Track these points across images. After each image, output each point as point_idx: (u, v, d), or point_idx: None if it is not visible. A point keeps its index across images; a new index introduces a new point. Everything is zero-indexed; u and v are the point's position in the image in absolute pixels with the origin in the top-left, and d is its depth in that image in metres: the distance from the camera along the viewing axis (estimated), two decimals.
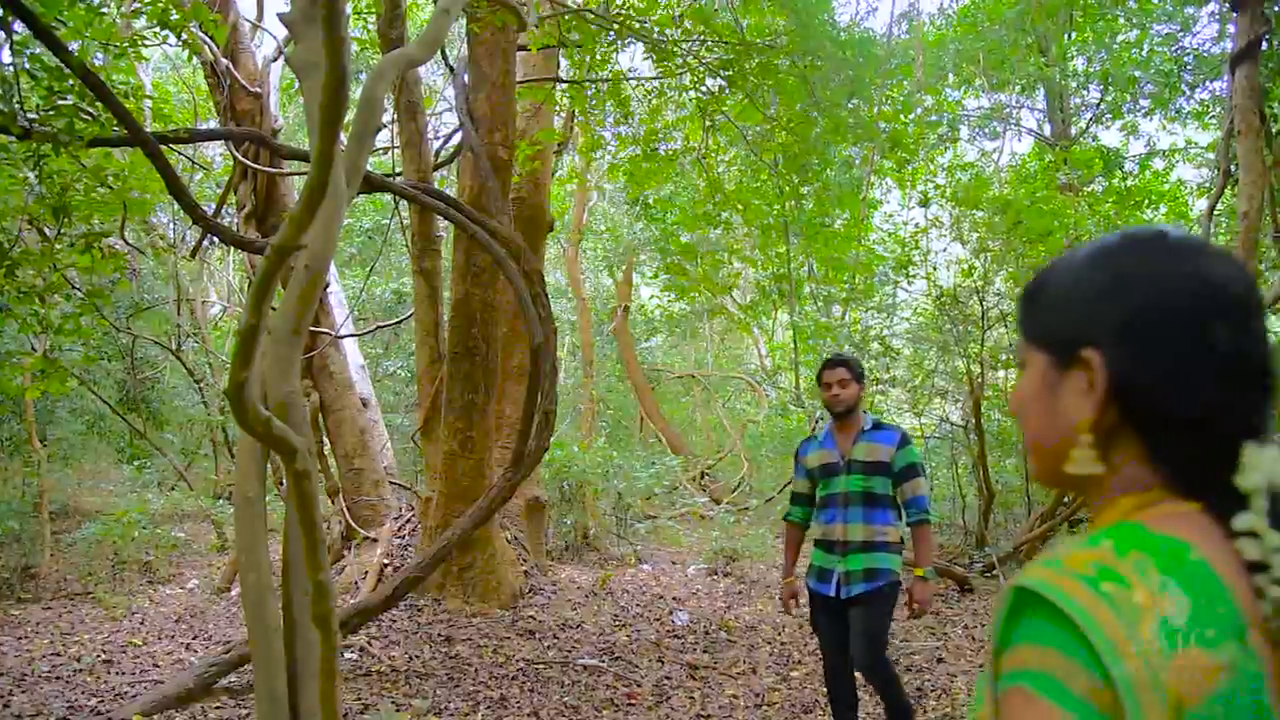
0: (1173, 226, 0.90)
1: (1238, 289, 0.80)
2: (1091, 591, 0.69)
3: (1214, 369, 0.78)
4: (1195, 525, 0.77)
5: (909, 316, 11.33)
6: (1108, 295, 0.82)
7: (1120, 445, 0.82)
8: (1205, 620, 0.69)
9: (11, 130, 3.93)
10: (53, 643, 6.31)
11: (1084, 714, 0.67)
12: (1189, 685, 0.67)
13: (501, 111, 6.44)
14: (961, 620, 7.26)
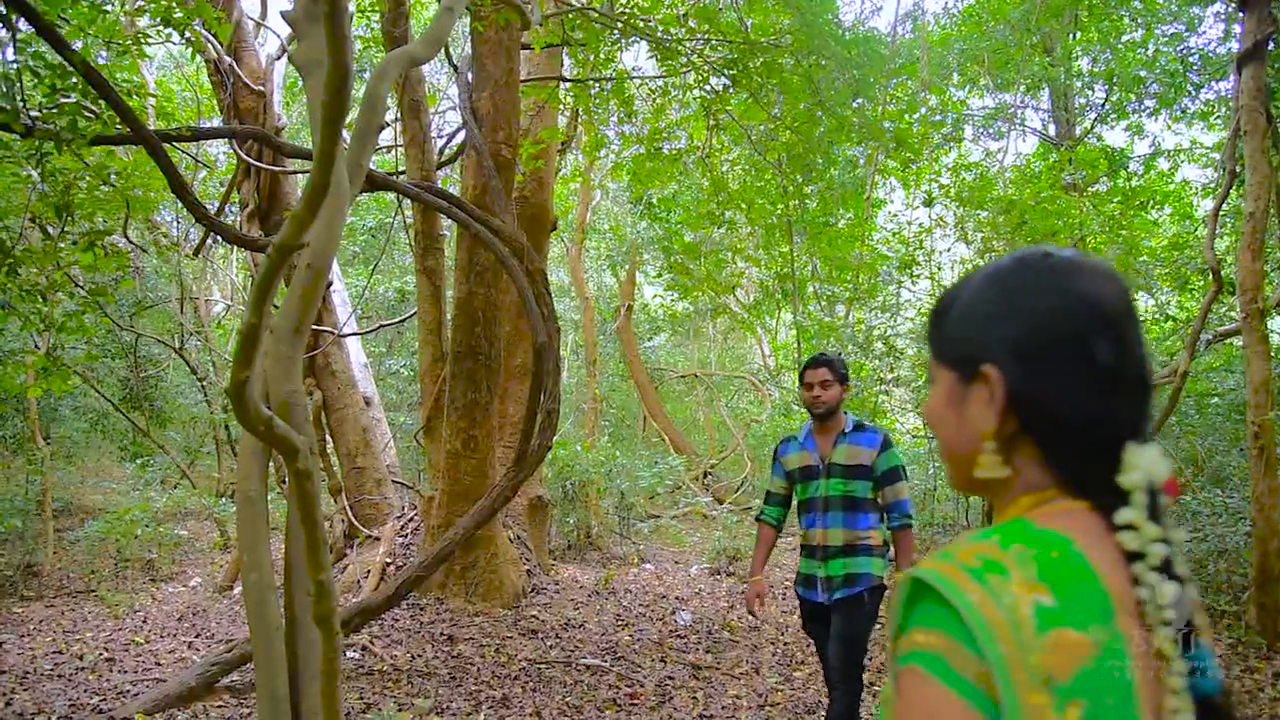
0: (1057, 247, 0.96)
1: (1114, 304, 0.89)
2: (975, 581, 0.78)
3: (1095, 379, 0.87)
4: (1079, 521, 0.85)
5: (913, 316, 11.30)
6: (1001, 316, 0.91)
7: (1020, 451, 0.90)
8: (1075, 605, 0.77)
9: (14, 128, 3.92)
10: (55, 640, 6.31)
11: (964, 690, 0.75)
12: (1057, 662, 0.75)
13: (505, 110, 6.43)
14: None
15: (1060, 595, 0.77)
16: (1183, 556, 0.85)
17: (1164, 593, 0.80)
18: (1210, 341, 7.91)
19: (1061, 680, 0.74)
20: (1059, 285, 0.90)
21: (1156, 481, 0.85)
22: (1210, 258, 7.11)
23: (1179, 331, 9.95)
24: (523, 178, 7.71)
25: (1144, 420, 0.89)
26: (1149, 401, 0.90)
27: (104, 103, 4.19)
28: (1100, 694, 0.75)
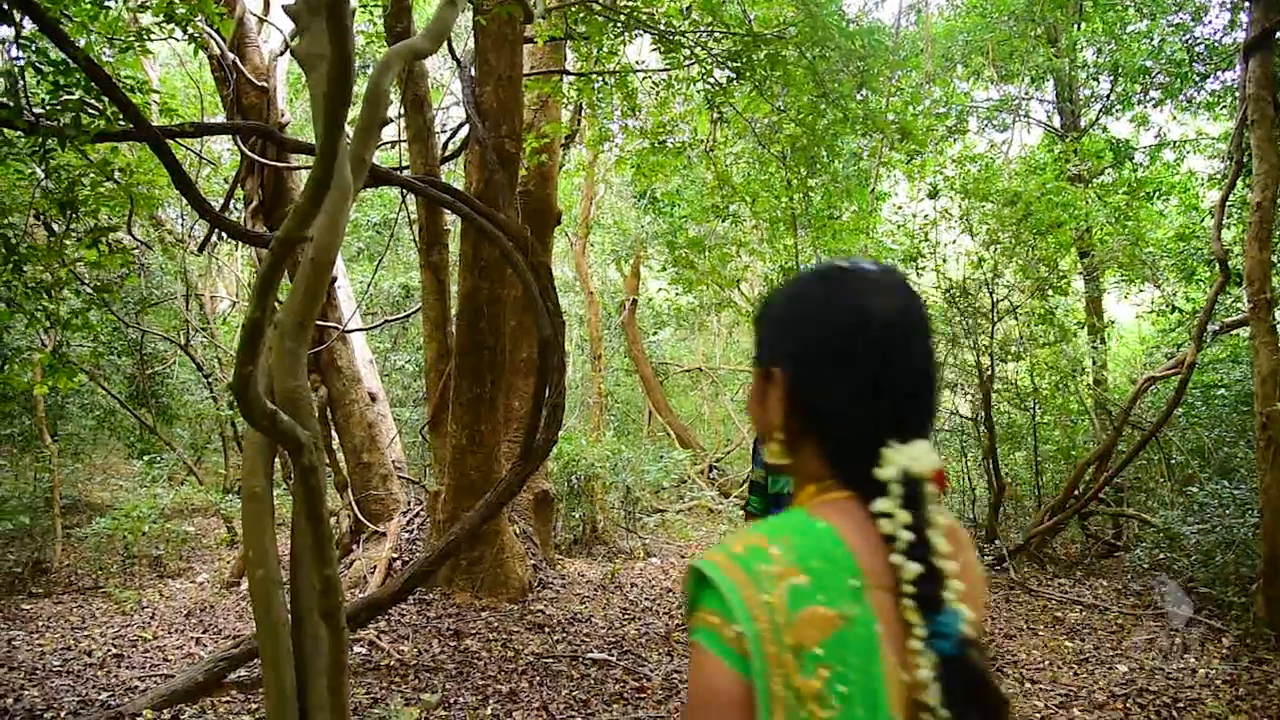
0: (855, 261, 1.08)
1: (888, 319, 1.00)
2: (740, 568, 0.92)
3: (858, 385, 1.00)
4: (844, 510, 0.99)
5: None
6: (788, 325, 1.06)
7: (805, 445, 1.04)
8: (827, 585, 0.91)
9: (18, 125, 3.92)
10: (64, 637, 6.34)
11: (731, 658, 0.90)
12: (808, 633, 0.89)
13: (509, 104, 6.41)
14: None
15: (814, 577, 0.91)
16: (941, 536, 0.97)
17: (909, 570, 0.94)
18: (1217, 333, 7.88)
19: (811, 648, 0.89)
20: (837, 299, 1.03)
21: (915, 474, 0.97)
22: (1217, 248, 7.08)
23: (1185, 323, 9.92)
24: (527, 172, 7.70)
25: (911, 420, 1.01)
26: (920, 403, 1.02)
27: (107, 99, 4.19)
28: (846, 657, 0.89)
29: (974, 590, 1.04)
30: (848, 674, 0.89)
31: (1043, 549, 9.03)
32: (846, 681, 0.89)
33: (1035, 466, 9.63)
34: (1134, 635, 6.44)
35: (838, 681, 0.89)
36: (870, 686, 0.90)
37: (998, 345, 9.18)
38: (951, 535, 1.01)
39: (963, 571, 0.99)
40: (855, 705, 0.89)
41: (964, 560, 1.03)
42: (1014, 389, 9.96)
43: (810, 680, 0.88)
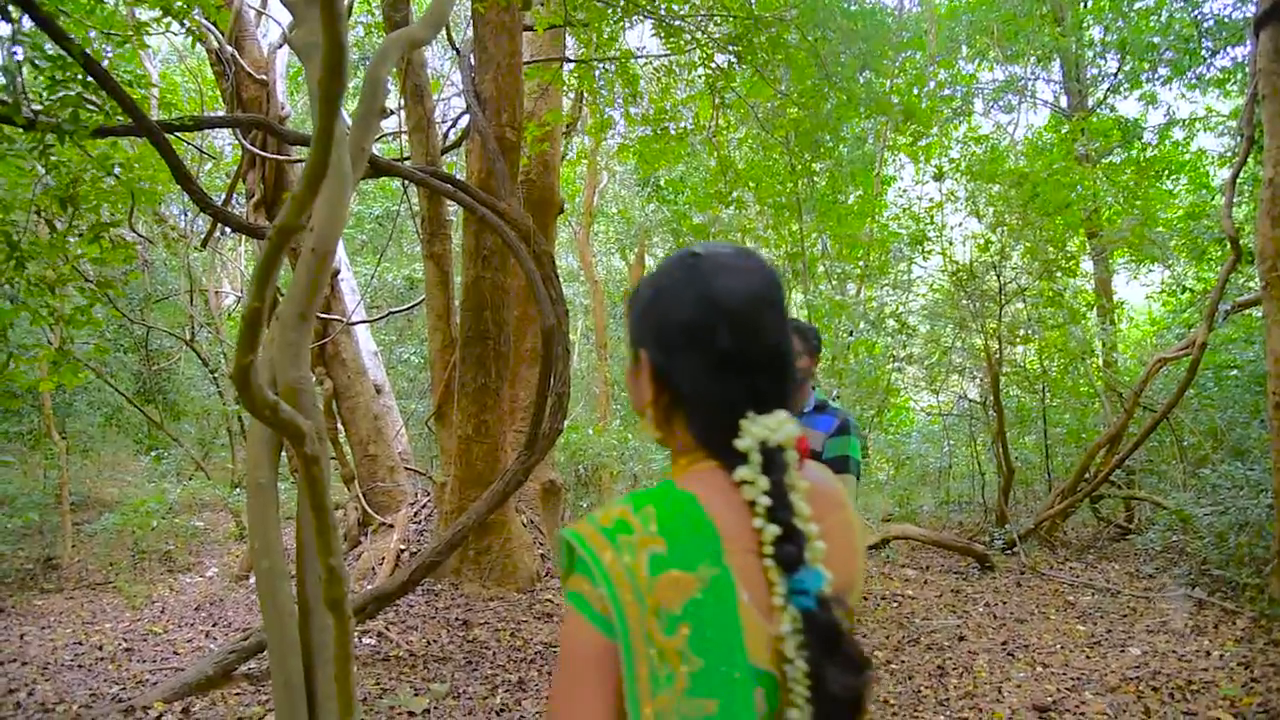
0: (709, 246, 1.17)
1: (738, 300, 1.07)
2: (605, 538, 0.99)
3: (713, 363, 1.07)
4: (709, 479, 1.06)
5: (925, 293, 11.19)
6: (649, 309, 1.13)
7: (674, 420, 1.12)
8: (686, 551, 0.98)
9: (16, 120, 3.90)
10: (75, 631, 6.36)
11: (595, 620, 0.98)
12: (668, 596, 0.96)
13: (508, 92, 6.37)
14: (983, 598, 7.21)
15: (674, 544, 0.98)
16: (802, 500, 1.04)
17: (768, 533, 1.01)
18: (1229, 312, 7.81)
19: (672, 610, 0.96)
20: (691, 283, 1.10)
21: (774, 443, 1.04)
22: (1228, 226, 7.01)
23: (1197, 303, 9.84)
24: (528, 161, 7.66)
25: (768, 392, 1.08)
26: (774, 376, 1.09)
27: (105, 94, 4.16)
28: (704, 617, 0.97)
29: (846, 548, 1.12)
30: (706, 632, 0.97)
31: (1054, 533, 8.99)
32: (705, 639, 0.97)
33: (1045, 450, 9.59)
34: (1146, 618, 6.41)
35: (697, 639, 0.97)
36: (728, 643, 0.98)
37: (1006, 328, 9.12)
38: (819, 497, 1.09)
39: (831, 532, 1.07)
40: (714, 660, 0.97)
41: (834, 521, 1.11)
42: (1023, 372, 9.91)
43: (672, 639, 0.96)
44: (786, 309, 1.14)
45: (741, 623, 0.99)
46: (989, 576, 7.92)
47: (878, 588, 7.68)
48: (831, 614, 1.01)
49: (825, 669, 0.99)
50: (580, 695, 0.99)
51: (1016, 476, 9.53)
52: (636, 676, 0.97)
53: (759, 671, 1.00)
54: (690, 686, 0.96)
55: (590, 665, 0.99)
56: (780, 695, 1.01)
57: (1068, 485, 8.87)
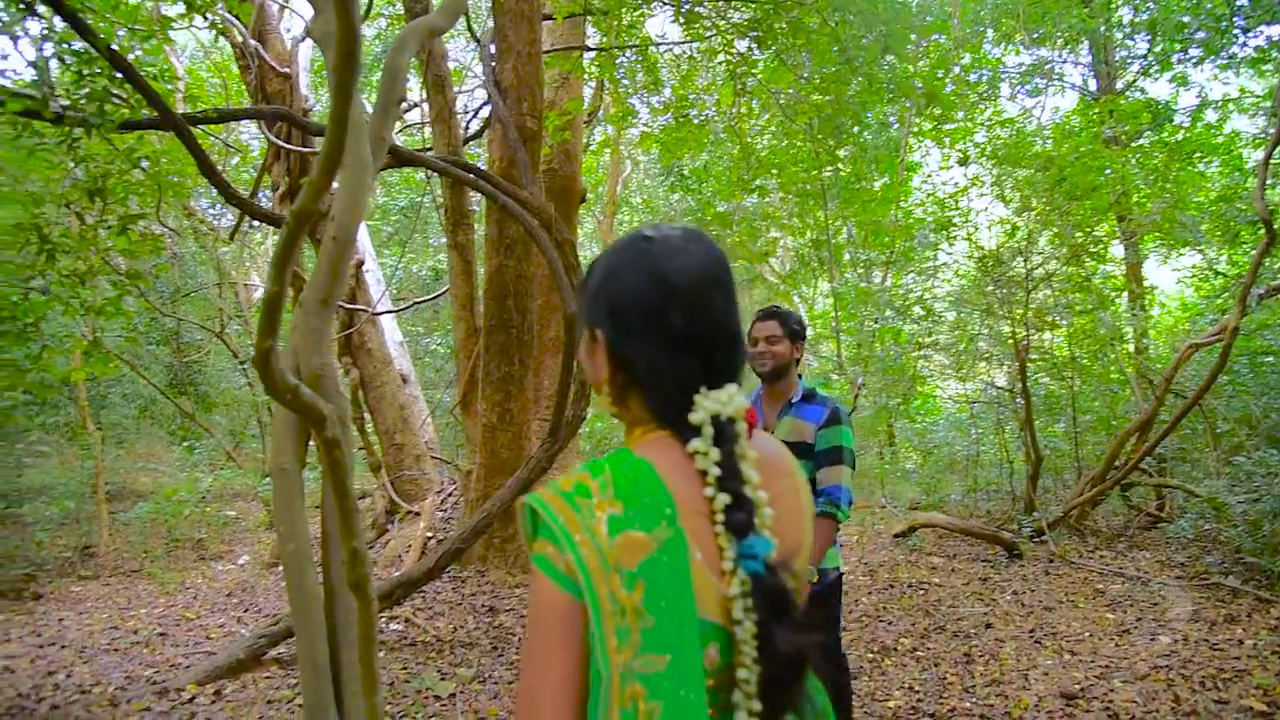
0: (660, 228, 1.21)
1: (688, 280, 1.13)
2: (565, 503, 1.04)
3: (667, 341, 1.12)
4: (663, 447, 1.12)
5: (950, 279, 11.08)
6: (602, 289, 1.18)
7: (629, 395, 1.18)
8: (641, 513, 1.03)
9: (45, 115, 3.97)
10: (111, 617, 6.49)
11: (560, 581, 1.03)
12: (625, 555, 1.01)
13: (529, 81, 6.39)
14: (1010, 586, 7.16)
15: (630, 507, 1.04)
16: (752, 469, 1.10)
17: (718, 501, 1.07)
18: (1263, 296, 7.66)
19: (629, 567, 1.01)
20: (642, 265, 1.15)
21: (724, 416, 1.10)
22: (1261, 209, 6.87)
23: (1230, 288, 9.67)
24: (550, 150, 7.68)
25: (718, 368, 1.14)
26: (724, 352, 1.15)
27: (131, 87, 4.22)
28: (659, 575, 1.02)
29: (793, 514, 1.19)
30: (659, 590, 1.02)
31: (1083, 521, 8.89)
32: (658, 597, 1.02)
33: (1075, 438, 9.47)
34: (1177, 607, 6.33)
35: (650, 597, 1.02)
36: (681, 601, 1.03)
37: (1033, 314, 9.01)
38: (768, 466, 1.16)
39: (779, 499, 1.14)
40: (665, 618, 1.02)
41: (782, 488, 1.17)
42: (1051, 359, 9.78)
43: (631, 594, 1.01)
44: (734, 288, 1.20)
45: (694, 581, 1.04)
46: (1017, 564, 7.85)
47: (904, 575, 7.64)
48: (779, 578, 1.07)
49: (773, 629, 1.04)
50: (548, 653, 1.04)
51: (1045, 464, 9.42)
52: (604, 631, 1.01)
53: (713, 626, 1.06)
54: (643, 643, 1.01)
55: (557, 624, 1.04)
56: (731, 653, 1.06)
57: (1097, 473, 8.75)
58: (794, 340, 3.48)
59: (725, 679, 1.07)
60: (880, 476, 10.51)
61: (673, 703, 1.00)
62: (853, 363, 10.71)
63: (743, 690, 1.06)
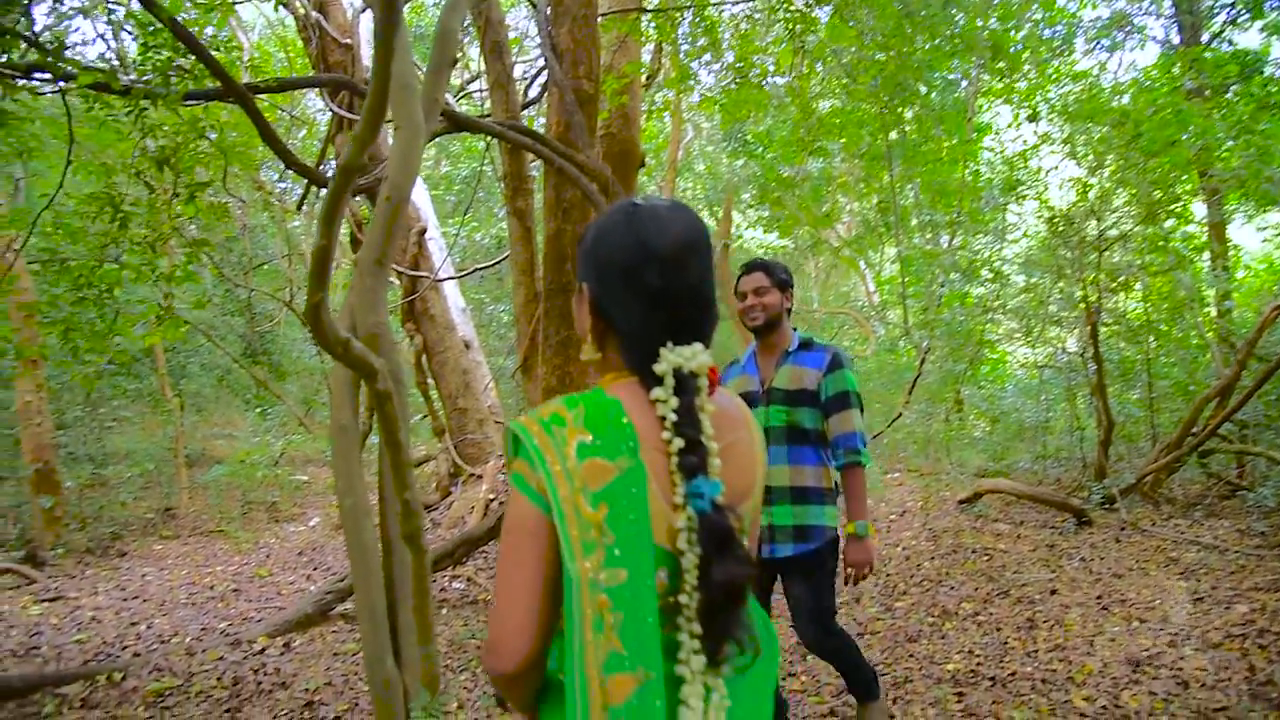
0: (649, 198, 1.34)
1: (667, 246, 1.25)
2: (542, 429, 1.18)
3: (642, 298, 1.25)
4: (631, 390, 1.26)
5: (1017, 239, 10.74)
6: (592, 250, 1.32)
7: (609, 343, 1.32)
8: (608, 443, 1.17)
9: (113, 86, 4.09)
10: (189, 574, 6.78)
11: (532, 496, 1.18)
12: (591, 477, 1.15)
13: (585, 44, 6.35)
14: (1078, 553, 6.99)
15: (598, 436, 1.17)
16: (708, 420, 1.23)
17: (674, 444, 1.19)
18: None
19: (594, 488, 1.14)
20: (627, 228, 1.28)
21: (687, 370, 1.23)
22: None
23: None
24: (608, 114, 7.64)
25: (686, 326, 1.26)
26: (694, 313, 1.27)
27: (194, 58, 4.32)
28: (620, 498, 1.15)
29: (744, 463, 1.33)
30: (621, 511, 1.14)
31: (1158, 488, 8.62)
32: (620, 517, 1.14)
33: (1150, 403, 9.17)
34: (1256, 575, 6.11)
35: (613, 517, 1.14)
36: (639, 523, 1.15)
37: (1105, 276, 8.69)
38: (724, 419, 1.29)
39: (732, 449, 1.28)
40: (626, 537, 1.14)
41: (736, 439, 1.31)
42: (1125, 323, 9.44)
43: (596, 512, 1.14)
44: (711, 257, 1.33)
45: (650, 508, 1.16)
46: (1086, 532, 7.66)
47: (968, 541, 7.53)
48: (723, 517, 1.18)
49: (713, 562, 1.16)
50: (518, 559, 1.18)
51: (1119, 431, 9.14)
52: (569, 537, 1.13)
53: (664, 552, 1.18)
54: (607, 558, 1.13)
55: (527, 534, 1.18)
56: (678, 580, 1.18)
57: (1173, 439, 8.46)
58: (783, 289, 3.40)
59: (674, 603, 1.19)
60: (946, 442, 10.32)
61: (631, 615, 1.13)
62: (919, 328, 10.50)
63: (684, 614, 1.18)
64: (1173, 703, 4.03)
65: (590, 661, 1.12)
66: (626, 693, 1.12)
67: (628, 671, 1.13)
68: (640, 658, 1.13)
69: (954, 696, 4.20)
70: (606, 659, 1.12)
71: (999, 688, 4.30)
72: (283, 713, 4.02)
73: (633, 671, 1.13)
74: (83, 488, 8.58)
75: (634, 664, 1.13)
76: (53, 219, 4.58)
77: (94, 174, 4.53)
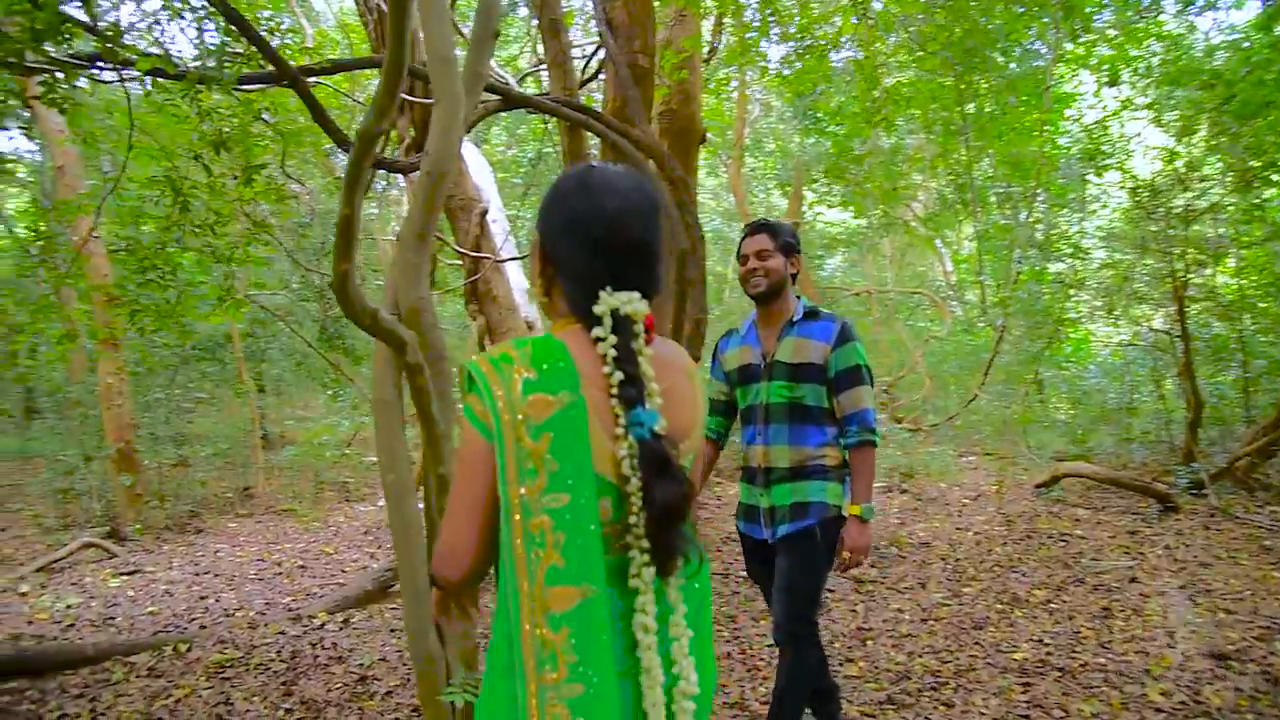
0: (604, 165, 1.45)
1: (613, 206, 1.36)
2: (492, 366, 1.28)
3: (589, 247, 1.36)
4: (575, 334, 1.36)
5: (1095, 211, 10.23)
6: (547, 207, 1.44)
7: (555, 289, 1.43)
8: (551, 380, 1.27)
9: (167, 69, 4.15)
10: (259, 550, 6.96)
11: (480, 428, 1.28)
12: (534, 411, 1.25)
13: (640, 18, 6.25)
14: (1162, 540, 6.66)
15: (542, 374, 1.28)
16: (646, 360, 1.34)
17: (615, 377, 1.30)
18: None
19: (536, 421, 1.25)
20: (579, 186, 1.40)
21: (623, 313, 1.33)
22: None
23: None
24: (668, 90, 7.52)
25: (626, 276, 1.36)
26: (637, 266, 1.37)
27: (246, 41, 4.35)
28: (562, 429, 1.26)
29: (684, 403, 1.43)
30: (563, 441, 1.26)
31: (1252, 474, 8.15)
32: (562, 446, 1.26)
33: (1244, 383, 8.66)
34: None
35: (557, 445, 1.25)
36: (580, 452, 1.27)
37: (1194, 249, 8.22)
38: (662, 362, 1.40)
39: (671, 390, 1.39)
40: (568, 464, 1.25)
41: (674, 381, 1.42)
42: (1217, 299, 8.92)
43: (537, 443, 1.25)
44: (658, 218, 1.43)
45: (590, 439, 1.28)
46: (1171, 518, 7.30)
47: (1044, 526, 7.25)
48: (661, 444, 1.29)
49: (654, 484, 1.27)
50: (466, 484, 1.31)
51: (1209, 413, 8.67)
52: (506, 466, 1.25)
53: (607, 482, 1.29)
54: (549, 483, 1.24)
55: (475, 461, 1.30)
56: (624, 506, 1.30)
57: (1270, 421, 7.99)
58: (788, 254, 3.09)
59: (617, 529, 1.31)
60: (1023, 424, 9.96)
61: (574, 530, 1.24)
62: (995, 306, 10.14)
63: (634, 534, 1.30)
64: (1260, 700, 3.78)
65: (522, 574, 1.23)
66: (570, 603, 1.23)
67: (571, 585, 1.23)
68: (584, 574, 1.24)
69: (1019, 686, 4.02)
70: (548, 572, 1.23)
71: (1068, 679, 4.10)
72: (336, 686, 4.07)
73: (577, 585, 1.24)
74: (163, 467, 8.90)
75: (578, 579, 1.24)
76: (117, 203, 4.70)
77: (154, 158, 4.63)
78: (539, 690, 1.23)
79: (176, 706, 3.84)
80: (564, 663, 1.23)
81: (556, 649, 1.23)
